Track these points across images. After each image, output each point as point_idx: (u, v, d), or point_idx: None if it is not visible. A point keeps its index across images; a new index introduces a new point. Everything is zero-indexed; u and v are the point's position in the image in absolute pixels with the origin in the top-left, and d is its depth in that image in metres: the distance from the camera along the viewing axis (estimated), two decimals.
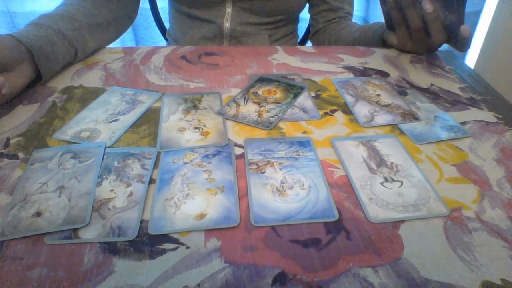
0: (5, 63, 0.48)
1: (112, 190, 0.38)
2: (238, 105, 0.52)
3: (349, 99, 0.54)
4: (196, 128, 0.47)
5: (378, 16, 1.38)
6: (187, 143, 0.45)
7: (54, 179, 0.39)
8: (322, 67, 0.63)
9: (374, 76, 0.61)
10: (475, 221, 0.37)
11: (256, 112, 0.51)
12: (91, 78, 0.57)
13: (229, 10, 0.80)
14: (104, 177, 0.39)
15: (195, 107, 0.51)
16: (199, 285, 0.30)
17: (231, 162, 0.42)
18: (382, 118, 0.50)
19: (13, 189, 0.38)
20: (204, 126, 0.48)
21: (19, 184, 0.38)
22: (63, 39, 0.57)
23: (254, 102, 0.53)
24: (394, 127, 0.49)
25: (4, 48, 0.48)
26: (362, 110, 0.52)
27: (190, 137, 0.46)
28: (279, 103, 0.53)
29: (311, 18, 0.91)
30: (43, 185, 0.38)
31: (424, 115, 0.51)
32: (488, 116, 0.52)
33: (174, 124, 0.48)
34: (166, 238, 0.34)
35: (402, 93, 0.57)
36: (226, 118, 0.49)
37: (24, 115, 0.48)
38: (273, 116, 0.50)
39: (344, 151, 0.44)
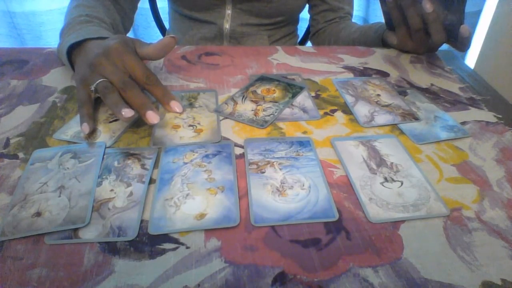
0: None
1: (112, 190, 0.38)
2: (235, 103, 0.52)
3: (349, 99, 0.54)
4: (190, 125, 0.47)
5: (378, 16, 1.38)
6: (180, 140, 0.45)
7: (54, 179, 0.39)
8: (322, 67, 0.63)
9: (374, 76, 0.61)
10: (475, 221, 0.37)
11: (252, 110, 0.51)
12: None
13: (229, 11, 0.80)
14: (104, 177, 0.39)
15: (191, 105, 0.51)
16: (199, 285, 0.30)
17: (231, 162, 0.42)
18: (382, 118, 0.50)
19: (13, 189, 0.38)
20: (198, 123, 0.48)
21: (19, 184, 0.38)
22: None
23: (252, 101, 0.53)
24: (394, 127, 0.49)
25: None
26: (362, 110, 0.52)
27: (184, 134, 0.46)
28: (276, 102, 0.53)
29: (311, 18, 0.91)
30: (43, 185, 0.38)
31: (424, 115, 0.51)
32: (488, 116, 0.52)
33: (169, 122, 0.48)
34: (166, 238, 0.34)
35: (402, 93, 0.57)
36: (221, 116, 0.49)
37: (24, 115, 0.48)
38: (269, 115, 0.50)
39: (344, 151, 0.44)
